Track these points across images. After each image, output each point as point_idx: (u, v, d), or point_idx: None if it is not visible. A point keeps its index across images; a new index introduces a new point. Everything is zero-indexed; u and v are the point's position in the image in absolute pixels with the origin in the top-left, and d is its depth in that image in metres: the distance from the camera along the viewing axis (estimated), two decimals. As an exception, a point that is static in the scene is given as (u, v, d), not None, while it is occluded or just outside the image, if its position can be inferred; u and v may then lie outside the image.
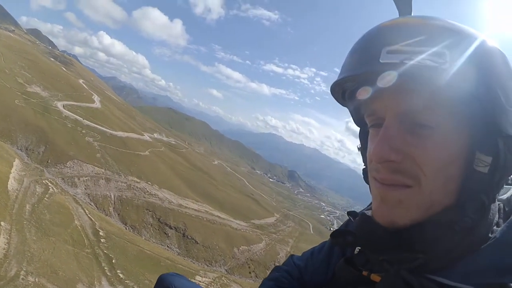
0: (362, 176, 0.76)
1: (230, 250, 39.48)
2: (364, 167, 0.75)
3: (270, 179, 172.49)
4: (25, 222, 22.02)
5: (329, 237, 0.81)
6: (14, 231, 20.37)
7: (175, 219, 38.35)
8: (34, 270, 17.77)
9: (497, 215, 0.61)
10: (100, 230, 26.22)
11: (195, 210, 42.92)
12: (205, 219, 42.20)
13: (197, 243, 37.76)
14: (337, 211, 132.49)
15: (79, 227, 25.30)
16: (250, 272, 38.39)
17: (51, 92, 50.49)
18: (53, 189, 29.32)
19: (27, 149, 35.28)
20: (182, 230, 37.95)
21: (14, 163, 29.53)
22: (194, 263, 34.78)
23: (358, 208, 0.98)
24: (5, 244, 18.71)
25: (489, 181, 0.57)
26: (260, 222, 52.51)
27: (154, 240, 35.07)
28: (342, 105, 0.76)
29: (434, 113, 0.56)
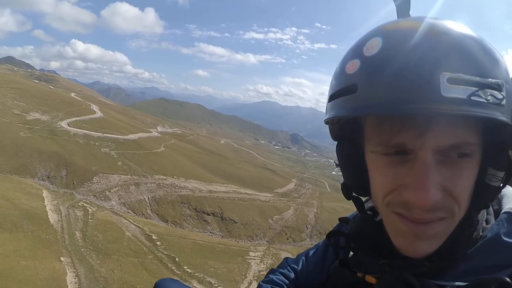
0: (342, 192, 0.71)
1: (265, 222, 40.42)
2: (344, 182, 0.70)
3: (276, 146, 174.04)
4: (82, 250, 22.13)
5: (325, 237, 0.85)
6: (76, 262, 20.42)
7: (210, 205, 39.07)
8: (114, 293, 18.14)
9: (485, 212, 0.62)
10: (152, 234, 26.70)
11: (224, 192, 43.66)
12: (236, 198, 43.03)
13: (236, 222, 38.69)
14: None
15: (133, 237, 25.64)
16: (287, 239, 39.44)
17: (50, 114, 49.45)
18: (90, 208, 29.47)
19: (49, 177, 34.91)
20: (219, 214, 38.75)
21: (43, 195, 29.40)
22: (238, 241, 35.80)
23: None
24: (74, 278, 18.72)
25: (498, 192, 0.57)
26: (283, 190, 53.43)
27: (197, 230, 35.88)
28: (326, 124, 0.67)
29: (473, 142, 0.52)
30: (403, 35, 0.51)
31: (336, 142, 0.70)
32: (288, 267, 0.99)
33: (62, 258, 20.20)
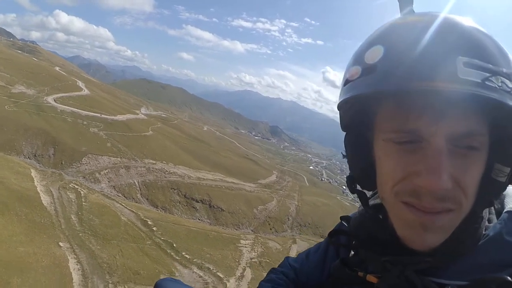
0: (347, 185, 0.73)
1: (251, 211, 41.26)
2: (350, 174, 0.71)
3: (255, 137, 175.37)
4: (80, 235, 21.66)
5: (327, 236, 0.86)
6: (76, 248, 19.98)
7: (199, 192, 39.27)
8: (119, 279, 17.99)
9: (487, 211, 0.63)
10: (147, 220, 26.65)
11: (212, 180, 43.86)
12: (223, 187, 43.41)
13: (223, 210, 39.24)
14: (323, 161, 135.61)
15: (129, 222, 25.43)
16: (270, 229, 40.42)
17: (36, 88, 47.04)
18: (82, 191, 28.71)
19: (35, 156, 33.56)
20: (208, 201, 39.08)
21: (32, 175, 28.23)
22: (225, 229, 36.33)
23: (339, 157, 0.98)
24: (77, 264, 18.32)
25: (504, 188, 0.58)
26: (265, 182, 54.32)
27: (185, 216, 36.00)
28: (339, 109, 0.67)
29: (483, 134, 0.53)
30: (421, 25, 0.53)
31: (345, 132, 0.71)
32: (289, 266, 0.98)
33: (61, 244, 19.70)
